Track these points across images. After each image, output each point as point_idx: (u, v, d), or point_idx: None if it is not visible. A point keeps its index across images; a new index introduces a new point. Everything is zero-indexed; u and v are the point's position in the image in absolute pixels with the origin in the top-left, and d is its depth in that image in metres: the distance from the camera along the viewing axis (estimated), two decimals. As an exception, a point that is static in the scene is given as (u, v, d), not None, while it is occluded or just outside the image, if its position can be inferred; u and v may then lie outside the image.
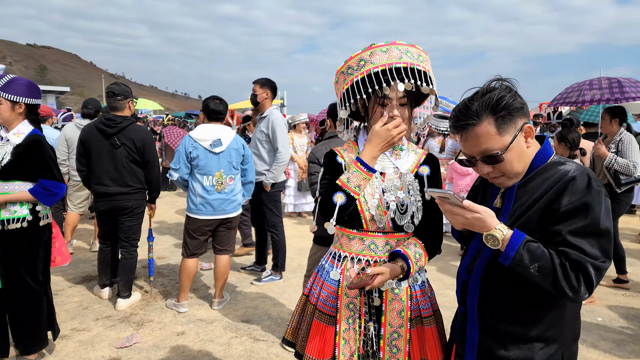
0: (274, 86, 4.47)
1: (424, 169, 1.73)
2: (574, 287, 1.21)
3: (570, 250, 1.22)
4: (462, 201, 1.27)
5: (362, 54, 1.61)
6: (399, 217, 1.66)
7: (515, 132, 1.32)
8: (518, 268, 1.25)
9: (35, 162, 2.73)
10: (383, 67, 1.56)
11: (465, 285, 1.48)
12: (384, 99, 1.61)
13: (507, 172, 1.35)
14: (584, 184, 1.27)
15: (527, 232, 1.31)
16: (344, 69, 1.66)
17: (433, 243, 1.71)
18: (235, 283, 4.66)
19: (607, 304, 4.30)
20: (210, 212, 3.77)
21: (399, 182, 1.69)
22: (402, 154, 1.74)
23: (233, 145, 3.80)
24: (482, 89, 1.35)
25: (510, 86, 1.35)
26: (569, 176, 1.30)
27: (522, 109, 1.33)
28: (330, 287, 1.74)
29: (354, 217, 1.68)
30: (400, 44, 1.61)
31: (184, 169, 3.75)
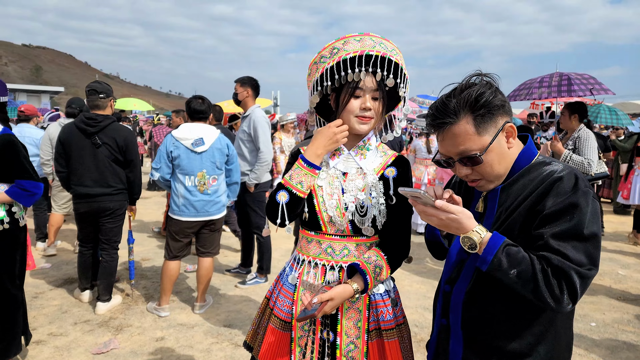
0: (256, 84, 4.35)
1: (390, 171, 1.62)
2: (556, 295, 1.10)
3: (553, 255, 1.12)
4: (434, 201, 1.17)
5: (335, 43, 1.55)
6: (359, 220, 1.56)
7: (496, 131, 1.22)
8: (497, 273, 1.15)
9: (11, 164, 2.62)
10: (356, 54, 1.49)
11: (447, 296, 1.37)
12: (356, 90, 1.52)
13: (487, 174, 1.25)
14: (571, 185, 1.17)
15: (511, 238, 1.20)
16: (317, 59, 1.59)
17: (397, 252, 1.59)
18: (219, 286, 4.54)
19: (600, 308, 4.22)
20: (193, 213, 3.65)
21: (361, 183, 1.59)
22: (369, 154, 1.64)
23: (216, 145, 3.68)
24: (461, 85, 1.25)
25: (492, 82, 1.25)
26: (555, 176, 1.20)
27: (504, 106, 1.23)
28: (288, 291, 1.65)
29: (312, 218, 1.59)
30: (374, 36, 1.56)
31: (165, 168, 3.64)
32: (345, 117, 1.55)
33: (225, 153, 3.73)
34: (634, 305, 4.29)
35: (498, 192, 1.29)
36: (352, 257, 1.59)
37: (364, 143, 1.64)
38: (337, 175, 1.61)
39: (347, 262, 1.58)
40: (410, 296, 4.34)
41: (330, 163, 1.63)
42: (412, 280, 4.84)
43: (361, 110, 1.52)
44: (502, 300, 1.26)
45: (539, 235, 1.15)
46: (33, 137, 5.51)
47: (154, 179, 3.70)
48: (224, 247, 5.92)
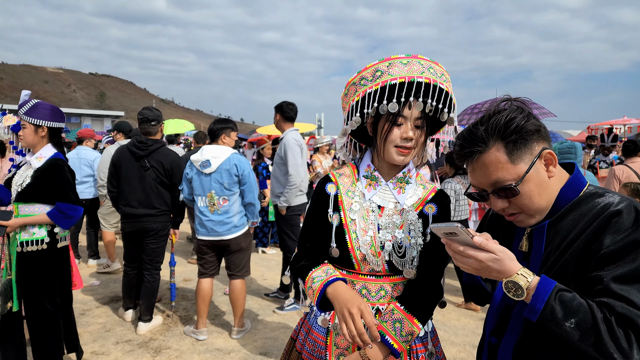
0: (284, 108, 4.40)
1: (430, 207, 1.48)
2: (624, 349, 0.95)
3: (616, 301, 0.97)
4: (472, 237, 1.04)
5: (378, 64, 1.40)
6: (397, 261, 1.43)
7: (532, 159, 1.10)
8: (549, 324, 1.00)
9: (52, 186, 2.77)
10: (403, 80, 1.35)
11: (494, 350, 1.22)
12: (398, 117, 1.39)
13: (526, 208, 1.13)
14: (632, 219, 1.03)
15: (563, 282, 1.07)
16: (357, 79, 1.44)
17: (426, 297, 1.43)
18: (257, 310, 4.52)
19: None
20: (204, 233, 3.72)
21: (399, 220, 1.45)
22: (407, 188, 1.50)
23: (224, 166, 3.68)
24: (489, 112, 1.15)
25: (523, 106, 1.15)
26: (611, 210, 1.06)
27: (539, 132, 1.12)
28: (319, 335, 1.51)
29: (344, 255, 1.46)
30: (423, 59, 1.40)
31: (187, 189, 3.80)
32: (384, 146, 1.43)
33: (235, 173, 3.70)
34: None
35: (545, 229, 1.15)
36: (389, 298, 1.46)
37: (403, 175, 1.50)
38: (372, 209, 1.47)
39: (384, 304, 1.46)
40: (458, 332, 4.10)
41: (366, 194, 1.49)
42: (460, 314, 4.58)
43: (402, 140, 1.40)
44: (558, 357, 1.10)
45: (598, 278, 1.02)
46: (87, 159, 5.85)
47: (181, 199, 3.88)
48: (266, 269, 5.93)
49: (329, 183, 1.55)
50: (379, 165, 1.52)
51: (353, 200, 1.49)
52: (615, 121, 10.05)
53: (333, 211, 1.50)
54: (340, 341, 1.46)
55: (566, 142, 4.92)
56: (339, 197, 1.52)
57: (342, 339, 1.46)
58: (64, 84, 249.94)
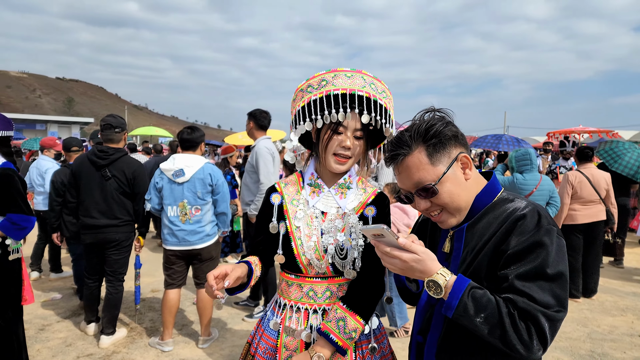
0: (257, 115, 4.42)
1: (370, 210, 1.57)
2: (525, 341, 1.04)
3: (518, 297, 1.06)
4: (398, 238, 1.11)
5: (325, 75, 1.50)
6: (339, 262, 1.51)
7: (450, 161, 1.20)
8: (463, 320, 1.09)
9: (2, 196, 2.70)
10: (344, 91, 1.44)
11: (421, 348, 1.31)
12: (338, 126, 1.47)
13: (446, 206, 1.22)
14: (534, 222, 1.13)
15: (479, 280, 1.16)
16: (304, 87, 1.54)
17: (368, 294, 1.51)
18: (226, 319, 4.50)
19: (621, 346, 3.97)
20: (175, 242, 3.69)
21: (341, 224, 1.54)
22: (349, 193, 1.58)
23: (198, 175, 3.69)
24: (415, 120, 1.25)
25: (445, 116, 1.25)
26: (518, 214, 1.16)
27: (456, 137, 1.22)
28: (270, 337, 1.59)
29: (291, 261, 1.54)
30: (367, 75, 1.50)
31: (155, 199, 3.73)
32: (324, 153, 1.51)
33: (209, 183, 3.72)
34: (658, 345, 4.03)
35: (464, 231, 1.25)
36: (334, 298, 1.54)
37: (344, 181, 1.59)
38: (316, 215, 1.56)
39: (330, 304, 1.54)
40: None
41: (309, 202, 1.58)
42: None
43: (340, 149, 1.48)
44: (475, 352, 1.19)
45: (504, 276, 1.11)
46: (43, 167, 5.54)
47: (147, 209, 3.78)
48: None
49: (274, 193, 1.64)
50: (322, 172, 1.61)
51: (297, 208, 1.58)
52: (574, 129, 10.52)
53: (278, 220, 1.58)
54: (290, 342, 1.53)
55: (521, 149, 5.15)
56: (284, 206, 1.60)
57: (291, 341, 1.53)
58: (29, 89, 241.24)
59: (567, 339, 4.15)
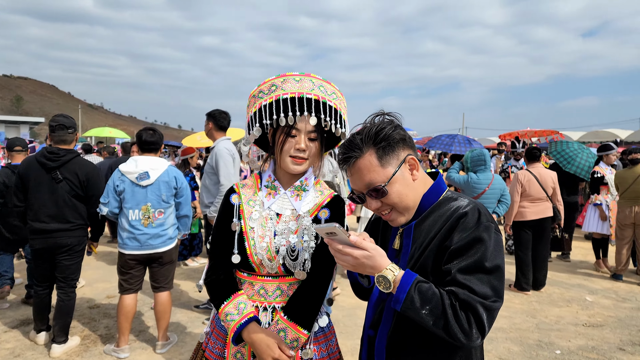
0: (216, 116, 4.37)
1: (323, 212, 1.61)
2: (466, 330, 1.11)
3: (460, 289, 1.14)
4: (349, 236, 1.16)
5: (274, 80, 1.54)
6: (290, 264, 1.55)
7: (398, 163, 1.27)
8: (410, 312, 1.15)
9: None
10: (293, 95, 1.48)
11: (372, 342, 1.36)
12: (292, 129, 1.51)
13: (396, 205, 1.28)
14: (475, 219, 1.21)
15: (425, 274, 1.22)
16: (256, 92, 1.58)
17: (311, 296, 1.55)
18: (186, 323, 4.42)
19: (566, 335, 4.23)
20: (136, 246, 3.59)
21: (294, 226, 1.57)
22: (305, 195, 1.62)
23: (163, 178, 3.63)
24: (365, 123, 1.31)
25: (393, 119, 1.31)
26: (460, 212, 1.24)
27: (404, 140, 1.29)
28: (220, 333, 1.62)
29: (244, 260, 1.57)
30: (316, 78, 1.54)
31: (113, 202, 3.60)
32: (280, 156, 1.55)
33: (173, 186, 3.67)
34: (599, 332, 4.32)
35: (412, 229, 1.31)
36: (285, 296, 1.58)
37: (301, 183, 1.62)
38: (270, 217, 1.59)
39: (280, 302, 1.58)
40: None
41: (265, 203, 1.60)
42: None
43: (295, 151, 1.52)
44: (422, 342, 1.25)
45: (448, 270, 1.18)
46: None
47: (103, 213, 3.63)
48: (198, 281, 5.80)
49: (233, 194, 1.67)
50: (279, 174, 1.64)
51: (253, 209, 1.61)
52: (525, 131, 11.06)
53: (237, 219, 1.61)
54: None
55: (477, 150, 5.38)
56: (240, 207, 1.63)
57: None
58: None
59: (517, 329, 4.37)
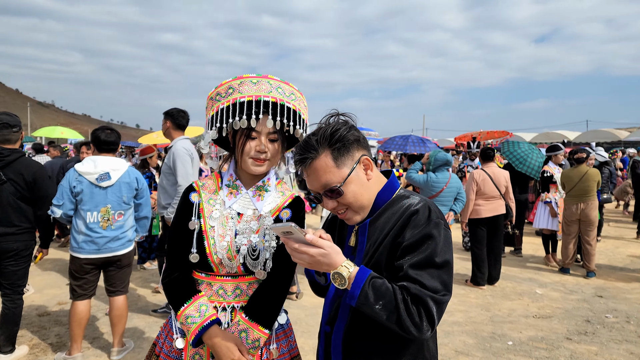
0: (174, 115, 4.28)
1: (285, 212, 1.62)
2: (417, 323, 1.15)
3: (411, 284, 1.18)
4: (305, 235, 1.18)
5: (231, 82, 1.54)
6: (251, 263, 1.55)
7: (353, 164, 1.30)
8: (364, 308, 1.18)
9: None
10: (250, 98, 1.48)
11: (328, 337, 1.38)
12: (252, 131, 1.51)
13: (351, 205, 1.31)
14: (425, 217, 1.25)
15: (379, 270, 1.25)
16: (214, 94, 1.56)
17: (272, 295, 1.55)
18: (144, 328, 4.30)
19: (517, 327, 4.44)
20: (94, 250, 3.45)
21: (256, 225, 1.57)
22: (266, 195, 1.62)
23: (124, 179, 3.53)
24: (320, 124, 1.33)
25: (348, 120, 1.34)
26: (412, 209, 1.28)
27: (358, 141, 1.31)
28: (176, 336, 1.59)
29: (203, 260, 1.55)
30: (273, 79, 1.54)
31: (69, 204, 3.43)
32: (241, 157, 1.54)
33: (135, 187, 3.58)
34: (547, 322, 4.56)
35: (367, 226, 1.34)
36: (244, 296, 1.57)
37: (263, 183, 1.62)
38: (232, 216, 1.58)
39: (239, 302, 1.57)
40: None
41: (226, 202, 1.59)
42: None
43: (256, 153, 1.51)
44: (376, 337, 1.29)
45: (400, 266, 1.22)
46: None
47: (56, 216, 3.44)
48: (156, 285, 5.64)
49: (192, 192, 1.64)
50: (241, 174, 1.64)
51: (214, 208, 1.59)
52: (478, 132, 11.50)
53: (196, 218, 1.58)
54: None
55: (441, 153, 5.64)
56: (200, 205, 1.61)
57: None
58: None
59: (472, 322, 4.54)
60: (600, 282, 5.99)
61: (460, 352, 3.87)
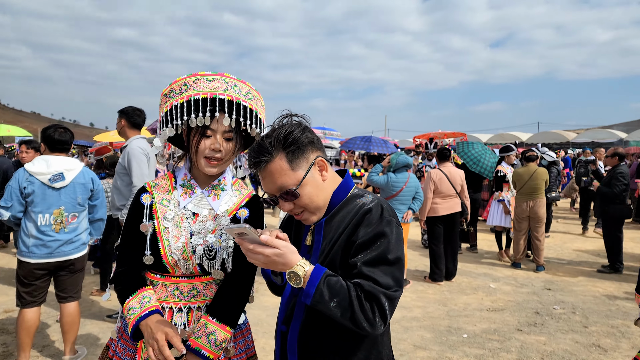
0: (130, 113, 4.16)
1: (242, 212, 1.61)
2: (371, 319, 1.18)
3: (365, 281, 1.20)
4: (260, 235, 1.18)
5: (186, 79, 1.51)
6: (207, 263, 1.53)
7: (308, 166, 1.30)
8: (319, 306, 1.19)
9: None
10: (205, 96, 1.46)
11: (284, 337, 1.39)
12: (206, 130, 1.49)
13: (307, 206, 1.32)
14: (378, 215, 1.28)
15: (334, 269, 1.27)
16: (167, 91, 1.54)
17: (236, 296, 1.55)
18: (98, 334, 4.14)
19: (472, 320, 4.62)
20: (45, 254, 3.29)
21: (212, 225, 1.56)
22: (223, 195, 1.61)
23: (79, 180, 3.40)
24: (274, 126, 1.32)
25: (302, 121, 1.34)
26: (365, 208, 1.30)
27: (313, 143, 1.32)
28: (130, 338, 1.54)
29: (158, 262, 1.52)
30: (229, 78, 1.53)
31: (18, 206, 3.25)
32: (196, 156, 1.52)
33: (90, 188, 3.46)
34: (500, 315, 4.77)
35: (322, 225, 1.36)
36: (201, 296, 1.56)
37: (218, 182, 1.60)
38: (186, 216, 1.55)
39: (196, 302, 1.55)
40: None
41: (180, 202, 1.56)
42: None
43: (210, 152, 1.50)
44: (331, 334, 1.30)
45: (354, 263, 1.24)
46: None
47: (3, 219, 3.26)
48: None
49: (144, 193, 1.61)
50: (195, 173, 1.61)
51: (168, 208, 1.56)
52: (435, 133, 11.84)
53: (148, 220, 1.55)
54: None
55: (403, 155, 5.79)
56: (153, 206, 1.57)
57: None
58: None
59: (430, 317, 4.68)
60: (549, 275, 6.33)
61: (418, 346, 3.98)
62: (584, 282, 6.00)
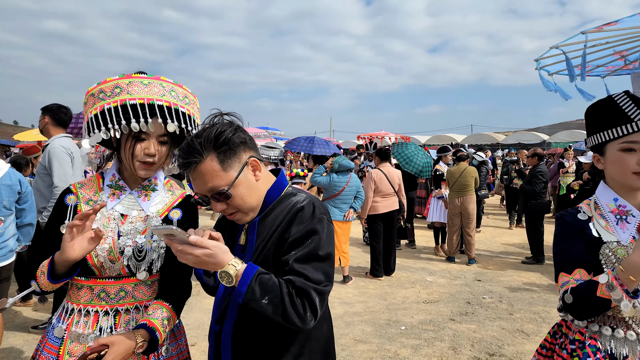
0: (54, 109, 3.92)
1: (175, 212, 1.59)
2: (301, 314, 1.20)
3: (296, 277, 1.22)
4: (189, 236, 1.17)
5: (118, 81, 1.45)
6: (134, 264, 1.50)
7: (241, 166, 1.30)
8: (252, 303, 1.19)
9: None
10: (142, 102, 1.42)
11: (218, 336, 1.38)
12: (141, 134, 1.45)
13: (240, 207, 1.32)
14: (310, 213, 1.31)
15: (267, 267, 1.28)
16: (96, 91, 1.46)
17: (180, 294, 1.54)
18: (23, 347, 3.86)
19: (409, 313, 4.83)
20: None
21: (142, 226, 1.53)
22: (153, 195, 1.58)
23: (5, 182, 3.19)
24: (204, 125, 1.31)
25: (233, 120, 1.34)
26: (298, 206, 1.33)
27: (245, 143, 1.32)
28: (52, 346, 1.49)
29: (82, 262, 1.46)
30: (166, 82, 1.49)
31: None
32: (129, 160, 1.48)
33: (17, 190, 3.26)
34: (435, 306, 5.03)
35: (256, 224, 1.37)
36: (129, 298, 1.51)
37: (149, 183, 1.58)
38: (114, 217, 1.51)
39: (124, 304, 1.50)
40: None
41: (108, 204, 1.52)
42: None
43: (144, 156, 1.47)
44: (264, 331, 1.31)
45: (286, 260, 1.26)
46: None
47: None
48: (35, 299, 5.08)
49: (68, 194, 1.55)
50: (125, 173, 1.57)
51: None
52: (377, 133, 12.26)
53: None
54: (75, 349, 1.45)
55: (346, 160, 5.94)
56: (78, 207, 1.52)
57: (76, 346, 1.45)
58: None
59: (370, 312, 4.84)
60: (479, 268, 6.75)
61: (359, 340, 4.10)
62: (510, 273, 6.47)
